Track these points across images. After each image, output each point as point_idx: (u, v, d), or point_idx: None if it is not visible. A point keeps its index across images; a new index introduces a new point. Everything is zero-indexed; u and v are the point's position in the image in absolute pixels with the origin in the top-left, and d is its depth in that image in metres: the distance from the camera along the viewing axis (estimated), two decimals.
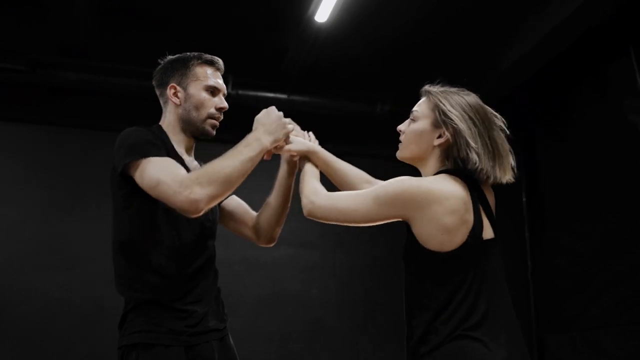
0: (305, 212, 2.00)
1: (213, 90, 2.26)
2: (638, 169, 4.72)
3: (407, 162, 2.05)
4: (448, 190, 1.78)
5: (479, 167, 1.81)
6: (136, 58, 5.35)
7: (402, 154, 2.04)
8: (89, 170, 5.39)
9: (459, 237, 1.76)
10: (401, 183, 1.82)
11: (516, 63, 5.17)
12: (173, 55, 2.35)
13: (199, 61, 2.28)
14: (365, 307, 5.73)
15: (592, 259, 5.14)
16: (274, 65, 5.39)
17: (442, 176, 1.84)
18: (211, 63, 2.30)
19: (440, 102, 1.92)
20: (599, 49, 5.07)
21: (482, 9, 4.90)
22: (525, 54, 5.04)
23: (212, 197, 1.94)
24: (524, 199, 6.09)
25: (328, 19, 4.72)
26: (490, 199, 1.92)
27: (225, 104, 2.27)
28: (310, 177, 2.16)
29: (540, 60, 5.16)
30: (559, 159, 5.74)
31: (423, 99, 2.03)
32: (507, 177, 1.88)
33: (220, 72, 2.32)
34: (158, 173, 1.95)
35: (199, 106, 2.22)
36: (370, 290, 5.75)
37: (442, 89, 2.00)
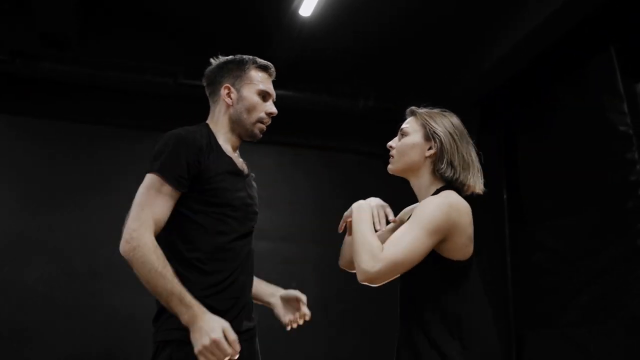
0: (363, 278, 1.90)
1: (265, 95, 2.32)
2: (616, 167, 4.77)
3: (399, 174, 2.18)
4: (466, 204, 2.01)
5: (455, 177, 2.05)
6: (118, 51, 5.32)
7: (395, 166, 2.16)
8: (69, 163, 5.35)
9: (472, 247, 2.00)
10: (439, 207, 1.94)
11: (497, 61, 5.20)
12: (227, 56, 2.39)
13: (255, 65, 2.33)
14: (344, 301, 5.75)
15: (571, 256, 5.19)
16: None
17: (451, 191, 2.03)
18: (265, 69, 2.35)
19: (427, 120, 2.13)
20: (580, 48, 5.11)
21: (465, 8, 4.93)
22: (506, 53, 5.07)
23: (129, 262, 1.99)
24: (504, 196, 6.13)
25: (312, 14, 4.72)
26: None
27: (275, 110, 2.33)
28: (370, 234, 1.96)
29: (521, 59, 5.19)
30: (540, 157, 5.78)
31: (410, 118, 2.20)
32: (479, 187, 2.11)
33: (272, 78, 2.38)
34: (143, 203, 2.02)
35: (250, 109, 2.28)
36: (349, 284, 5.76)
37: (426, 109, 2.19)
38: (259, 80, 2.31)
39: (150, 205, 2.01)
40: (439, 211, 1.93)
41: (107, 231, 5.39)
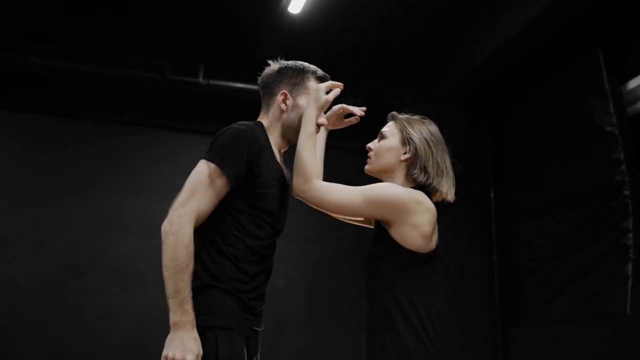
0: (294, 193, 2.16)
1: None
2: (602, 167, 4.81)
3: (375, 175, 2.29)
4: (429, 203, 2.10)
5: (428, 183, 2.15)
6: (103, 45, 5.29)
7: (371, 167, 2.29)
8: (54, 158, 5.31)
9: (433, 243, 2.09)
10: (394, 189, 2.10)
11: (485, 61, 5.22)
12: (284, 61, 2.41)
13: (314, 76, 2.39)
14: (332, 298, 5.75)
15: (557, 255, 5.23)
16: (246, 55, 5.37)
17: (419, 191, 2.12)
18: (323, 80, 2.41)
19: (405, 126, 2.25)
20: (567, 48, 5.14)
21: (454, 6, 4.94)
22: (494, 52, 5.09)
23: (162, 240, 2.02)
24: (491, 195, 6.15)
25: (301, 11, 4.71)
26: None
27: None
28: (307, 156, 2.18)
29: (509, 58, 5.22)
30: (527, 156, 5.81)
31: (391, 122, 2.32)
32: (451, 194, 2.19)
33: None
34: (194, 189, 2.04)
35: None
36: (337, 282, 5.77)
37: (406, 115, 2.31)
38: None
39: (200, 194, 2.04)
40: (388, 192, 2.08)
41: (92, 227, 5.41)
